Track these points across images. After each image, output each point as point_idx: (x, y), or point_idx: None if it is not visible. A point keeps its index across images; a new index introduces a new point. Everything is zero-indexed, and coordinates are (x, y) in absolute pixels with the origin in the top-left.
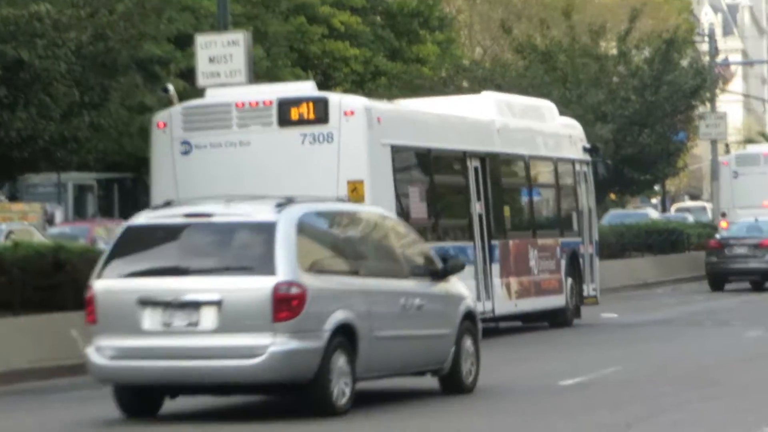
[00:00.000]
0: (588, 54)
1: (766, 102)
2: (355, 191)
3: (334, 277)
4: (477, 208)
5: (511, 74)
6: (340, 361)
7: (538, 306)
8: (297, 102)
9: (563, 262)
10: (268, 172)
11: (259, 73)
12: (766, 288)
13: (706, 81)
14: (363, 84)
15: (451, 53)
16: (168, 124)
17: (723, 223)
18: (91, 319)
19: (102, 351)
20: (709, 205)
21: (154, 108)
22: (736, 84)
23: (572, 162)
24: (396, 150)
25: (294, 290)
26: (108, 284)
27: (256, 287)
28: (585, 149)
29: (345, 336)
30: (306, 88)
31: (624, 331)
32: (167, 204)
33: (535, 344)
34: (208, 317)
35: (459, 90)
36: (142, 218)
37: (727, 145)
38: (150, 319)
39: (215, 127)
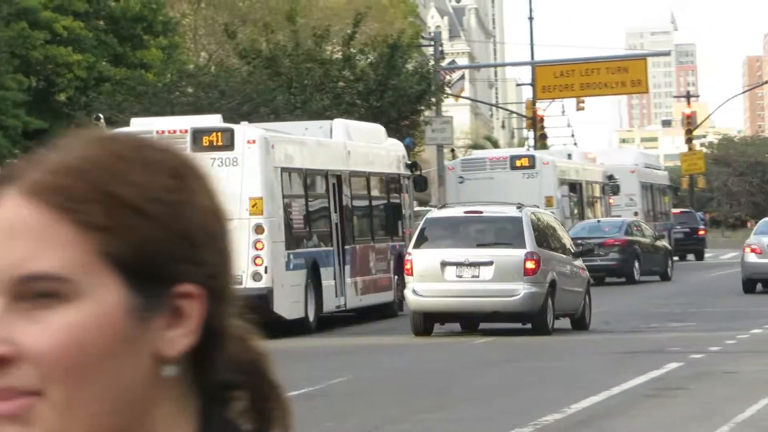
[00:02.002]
0: (312, 58)
1: (492, 106)
2: (255, 206)
3: (546, 251)
4: (335, 218)
5: (235, 80)
6: (550, 302)
7: (375, 300)
8: (208, 131)
9: (392, 263)
10: None
11: None
12: (609, 283)
13: (431, 86)
14: (86, 90)
15: (176, 58)
16: None
17: None
18: (408, 273)
19: (416, 292)
20: None
21: None
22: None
23: (398, 177)
24: (283, 171)
25: (535, 257)
26: (421, 252)
27: (514, 255)
28: (407, 165)
29: (552, 287)
30: (215, 119)
31: (355, 339)
32: (444, 206)
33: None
34: (486, 272)
35: (183, 95)
36: (435, 213)
37: (453, 150)
38: (449, 273)
39: None
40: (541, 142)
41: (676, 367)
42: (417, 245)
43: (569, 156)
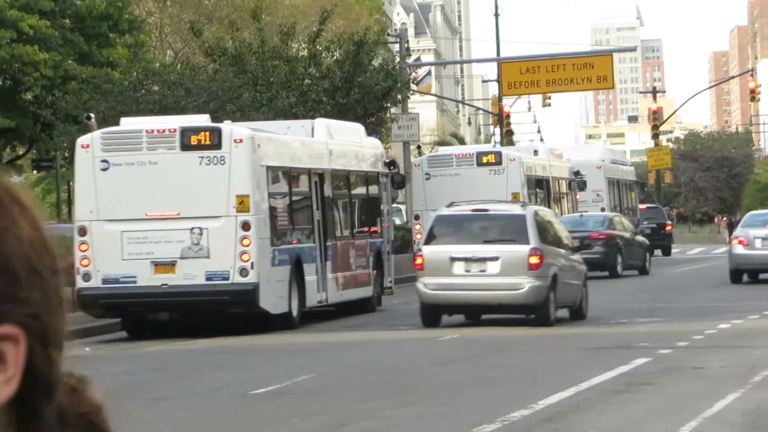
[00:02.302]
0: (278, 56)
1: (458, 103)
2: (242, 203)
3: (548, 246)
4: (317, 215)
5: (201, 77)
6: (552, 295)
7: (355, 296)
8: (196, 130)
9: (371, 259)
10: (172, 187)
11: None
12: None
13: (397, 82)
14: (53, 89)
15: (142, 56)
16: (90, 146)
17: (417, 226)
18: (419, 267)
19: (427, 286)
20: (403, 207)
21: None
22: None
23: (377, 174)
24: (269, 169)
25: (538, 252)
26: (431, 249)
27: (519, 250)
28: (385, 163)
29: (554, 281)
30: (203, 119)
31: (319, 336)
32: (451, 204)
33: (237, 353)
34: (492, 267)
35: (149, 93)
36: (444, 212)
37: (419, 147)
38: (457, 268)
39: (129, 149)
40: (508, 138)
41: (644, 362)
42: (427, 242)
43: (536, 152)
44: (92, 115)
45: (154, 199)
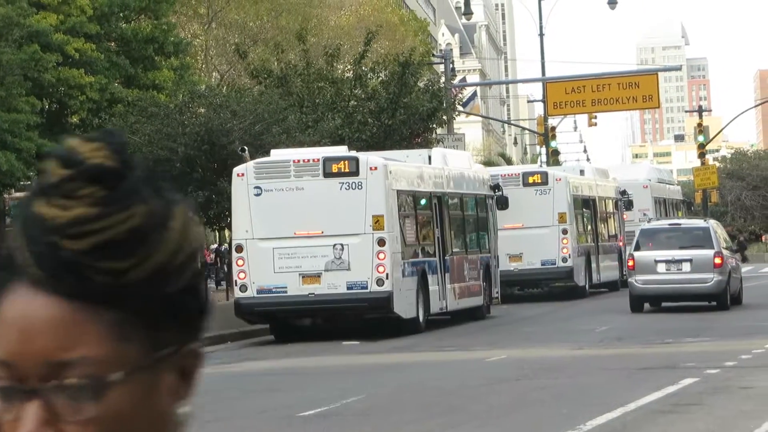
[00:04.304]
0: (324, 77)
1: (504, 123)
2: (378, 222)
3: (723, 250)
4: (437, 232)
5: (247, 99)
6: (728, 287)
7: (469, 304)
8: (337, 160)
9: (481, 272)
10: (316, 209)
11: None
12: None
13: (442, 103)
14: (99, 112)
15: (187, 79)
16: (245, 174)
17: None
18: (631, 268)
19: (637, 281)
20: None
21: None
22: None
23: (485, 197)
24: (399, 193)
25: (720, 255)
26: (640, 254)
27: (706, 254)
28: (490, 187)
29: (729, 276)
30: (342, 150)
31: (365, 356)
32: (649, 220)
33: (276, 375)
34: (686, 266)
35: (195, 116)
36: (647, 226)
37: None
38: (660, 267)
39: (279, 176)
40: (554, 158)
41: (691, 382)
42: (636, 248)
43: (582, 172)
44: (246, 147)
45: (301, 220)
